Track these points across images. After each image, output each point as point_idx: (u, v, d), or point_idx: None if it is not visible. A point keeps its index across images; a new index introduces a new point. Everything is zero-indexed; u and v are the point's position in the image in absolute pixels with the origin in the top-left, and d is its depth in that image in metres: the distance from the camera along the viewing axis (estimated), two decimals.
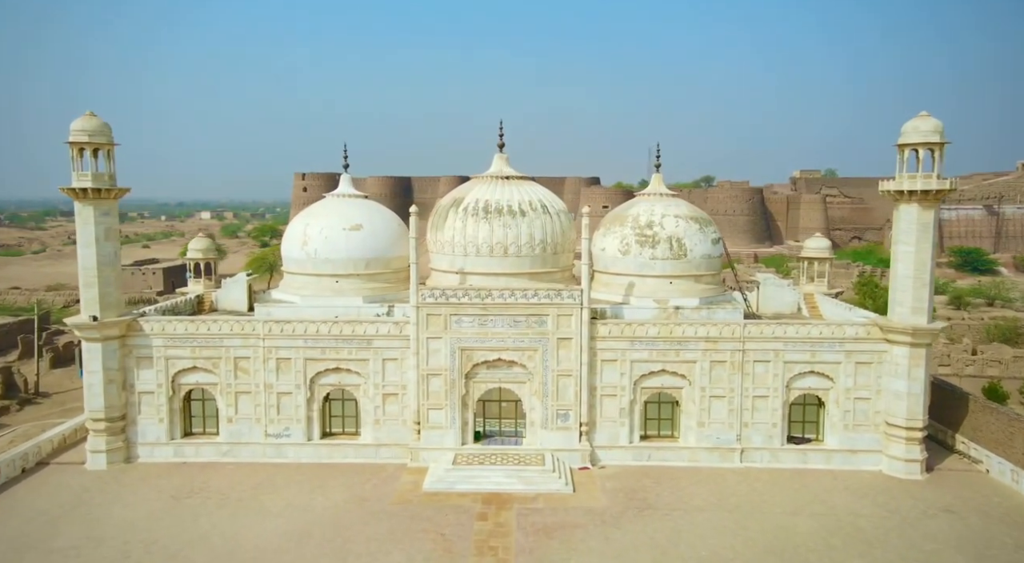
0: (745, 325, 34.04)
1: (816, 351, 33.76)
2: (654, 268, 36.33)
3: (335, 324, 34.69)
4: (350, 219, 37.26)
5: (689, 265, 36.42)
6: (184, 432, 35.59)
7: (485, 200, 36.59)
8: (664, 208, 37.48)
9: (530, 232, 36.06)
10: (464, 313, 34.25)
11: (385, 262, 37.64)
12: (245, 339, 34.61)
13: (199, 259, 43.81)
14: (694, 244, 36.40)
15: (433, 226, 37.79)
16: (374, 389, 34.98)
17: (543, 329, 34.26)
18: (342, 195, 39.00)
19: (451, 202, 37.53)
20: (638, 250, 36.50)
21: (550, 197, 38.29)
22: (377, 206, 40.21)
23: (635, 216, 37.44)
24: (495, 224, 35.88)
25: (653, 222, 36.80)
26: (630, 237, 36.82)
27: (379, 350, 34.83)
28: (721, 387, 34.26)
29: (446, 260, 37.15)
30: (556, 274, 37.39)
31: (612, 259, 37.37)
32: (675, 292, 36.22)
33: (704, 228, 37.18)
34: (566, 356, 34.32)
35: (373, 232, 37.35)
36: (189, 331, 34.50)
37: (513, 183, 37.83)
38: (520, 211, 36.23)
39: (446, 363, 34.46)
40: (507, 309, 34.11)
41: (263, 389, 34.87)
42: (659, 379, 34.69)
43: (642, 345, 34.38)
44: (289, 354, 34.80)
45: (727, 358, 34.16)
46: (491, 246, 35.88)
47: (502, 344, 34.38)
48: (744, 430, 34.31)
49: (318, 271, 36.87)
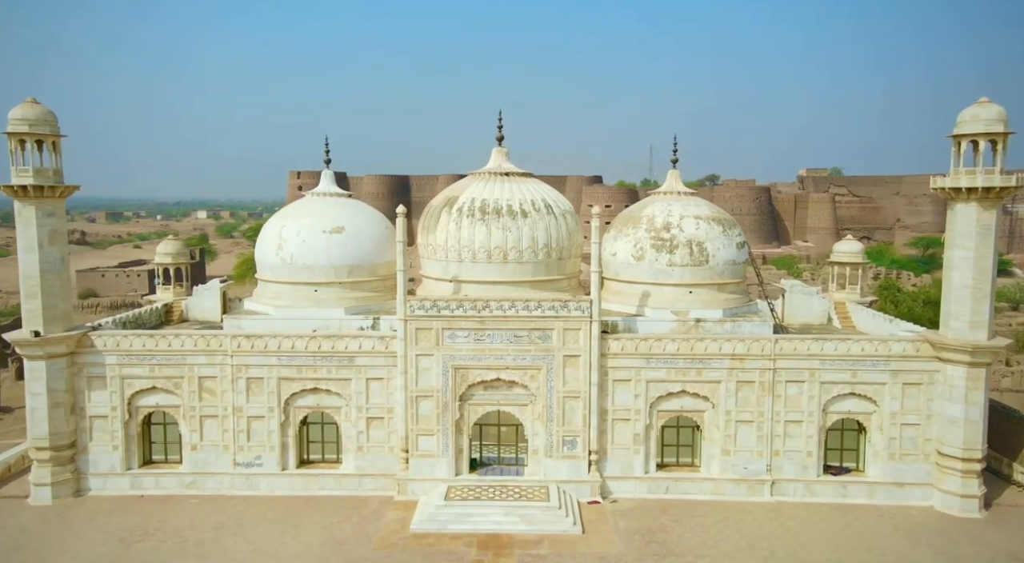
0: (776, 340, 30.04)
1: (857, 370, 29.75)
2: (672, 276, 32.33)
3: (312, 339, 30.72)
4: (331, 220, 33.27)
5: (711, 272, 32.42)
6: (142, 461, 31.59)
7: (482, 199, 32.61)
8: (682, 208, 33.49)
9: (532, 235, 32.07)
10: (458, 327, 30.29)
11: (371, 269, 33.65)
12: (211, 356, 30.63)
13: (168, 264, 39.86)
14: (717, 249, 32.40)
15: (424, 228, 33.81)
16: (357, 412, 31.00)
17: (547, 345, 30.29)
18: (323, 194, 35.00)
19: (443, 202, 33.54)
20: (654, 255, 32.50)
21: (554, 196, 34.30)
22: (362, 206, 36.23)
23: (650, 217, 33.45)
24: (493, 226, 31.89)
25: (670, 224, 32.80)
26: (645, 241, 32.82)
27: (363, 368, 30.86)
28: (749, 410, 30.27)
29: (438, 267, 33.17)
30: (562, 282, 33.40)
31: (624, 265, 33.39)
32: (695, 303, 32.22)
33: (728, 230, 33.18)
34: (573, 375, 30.35)
35: (357, 235, 33.36)
36: (147, 347, 30.50)
37: (513, 180, 33.84)
38: (521, 212, 32.24)
39: (438, 383, 30.50)
40: (506, 322, 30.15)
41: (231, 412, 30.88)
42: (678, 401, 30.71)
43: (659, 363, 30.41)
44: (261, 373, 30.81)
45: (756, 378, 30.17)
46: (488, 251, 31.90)
47: (501, 362, 30.41)
48: (775, 459, 30.32)
49: (294, 279, 32.89)
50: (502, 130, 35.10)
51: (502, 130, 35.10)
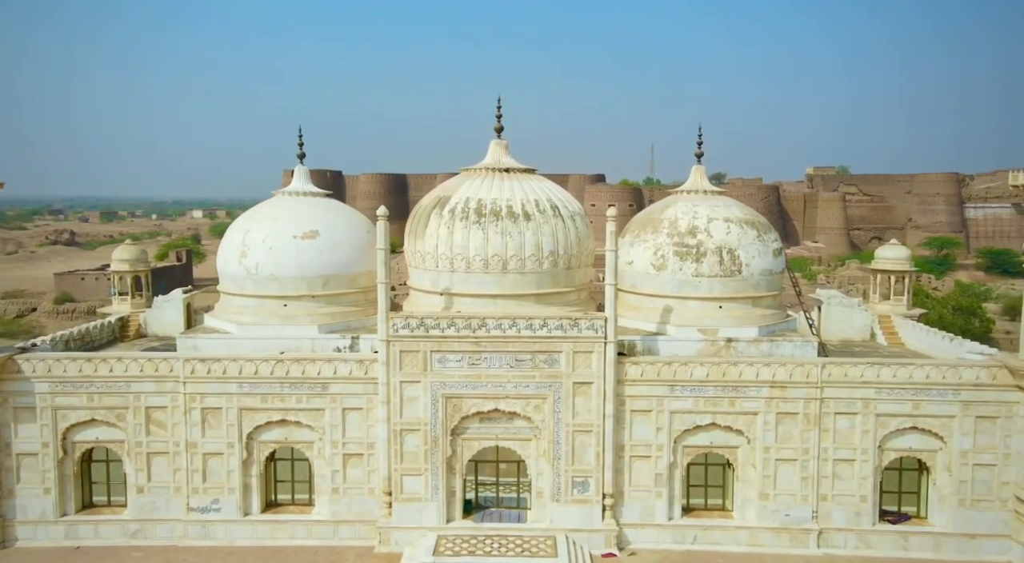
0: (824, 365, 25.54)
1: (920, 401, 25.24)
2: (699, 288, 27.81)
3: (280, 362, 26.24)
4: (303, 223, 28.74)
5: (745, 284, 27.89)
6: (80, 505, 27.11)
7: (478, 199, 28.09)
8: (710, 209, 28.95)
9: (537, 241, 27.55)
10: (450, 349, 25.85)
11: (350, 279, 29.13)
12: (160, 383, 26.15)
13: (125, 272, 35.40)
14: (751, 256, 27.88)
15: (411, 233, 29.29)
16: (331, 448, 26.53)
17: (554, 370, 25.84)
18: (295, 193, 30.45)
19: (434, 202, 29.02)
20: (677, 264, 27.99)
21: (561, 195, 29.78)
22: (341, 207, 31.71)
23: (672, 220, 28.92)
24: (491, 230, 27.38)
25: (696, 228, 28.27)
26: (666, 247, 28.30)
27: (338, 397, 26.40)
28: (791, 447, 25.78)
29: (427, 277, 28.66)
30: (570, 296, 28.87)
31: (643, 276, 28.87)
32: (726, 319, 27.70)
33: (763, 235, 28.64)
34: (584, 406, 25.91)
35: (334, 240, 28.84)
36: (85, 372, 26.00)
37: (515, 177, 29.31)
38: (523, 214, 27.73)
39: (426, 415, 26.05)
40: (506, 344, 25.71)
41: (184, 449, 26.40)
42: (707, 435, 26.24)
43: (685, 391, 25.94)
44: (219, 402, 26.34)
45: (799, 409, 25.69)
46: (485, 259, 27.38)
47: (500, 390, 25.96)
48: (822, 505, 25.83)
49: (260, 292, 28.36)
50: (501, 120, 30.60)
51: (501, 120, 30.60)
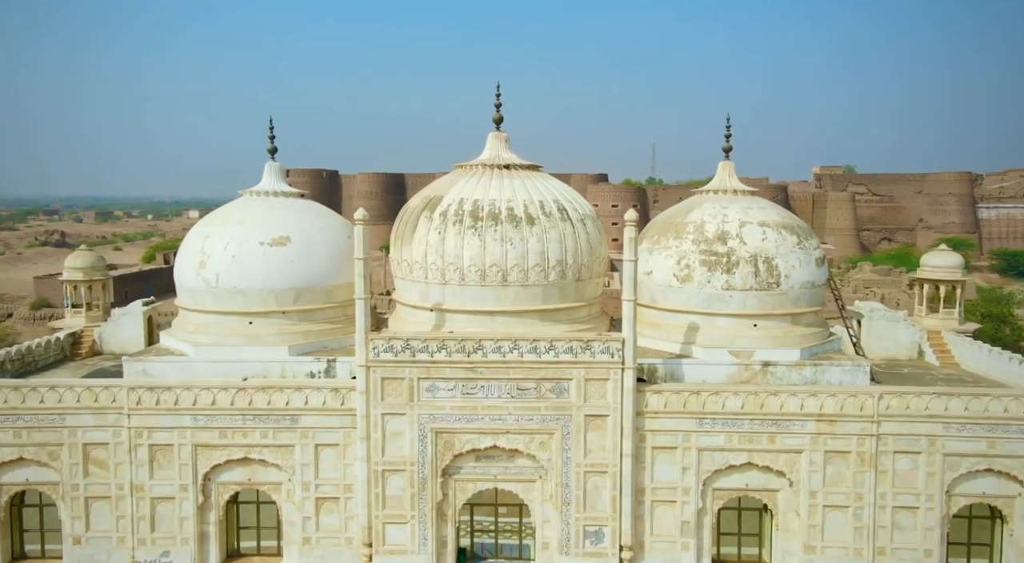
0: (881, 396, 21.71)
1: (997, 438, 21.42)
2: (730, 303, 23.95)
3: (242, 391, 22.46)
4: (273, 228, 24.89)
5: (784, 298, 24.02)
6: (11, 556, 23.31)
7: (474, 200, 24.27)
8: (741, 211, 25.09)
9: (542, 249, 23.72)
10: (440, 376, 22.09)
11: (326, 293, 25.29)
12: (100, 415, 22.38)
13: (79, 281, 31.60)
14: (790, 266, 24.01)
15: (397, 239, 25.47)
16: (302, 491, 22.73)
17: (563, 401, 22.06)
18: (264, 193, 26.56)
19: (423, 203, 25.19)
20: (705, 276, 24.12)
21: (570, 195, 25.96)
22: (318, 209, 27.79)
23: (698, 224, 25.05)
24: (488, 237, 23.55)
25: (727, 233, 24.41)
26: (692, 255, 24.44)
27: (310, 432, 22.64)
28: (842, 492, 21.97)
29: (415, 290, 24.83)
30: (580, 312, 25.05)
31: (664, 288, 25.01)
32: (762, 340, 23.84)
33: (804, 242, 24.79)
34: (598, 442, 22.14)
35: (308, 247, 24.99)
36: (11, 403, 22.18)
37: (516, 175, 25.49)
38: (527, 217, 23.90)
39: (412, 453, 22.29)
40: (507, 370, 21.97)
41: (129, 492, 22.61)
42: (742, 477, 22.45)
43: (716, 425, 22.16)
44: (170, 438, 22.55)
45: (852, 447, 21.87)
46: (482, 270, 23.56)
47: (499, 424, 22.21)
48: (879, 559, 21.99)
49: (221, 307, 24.49)
50: (501, 109, 26.77)
51: (501, 109, 26.77)
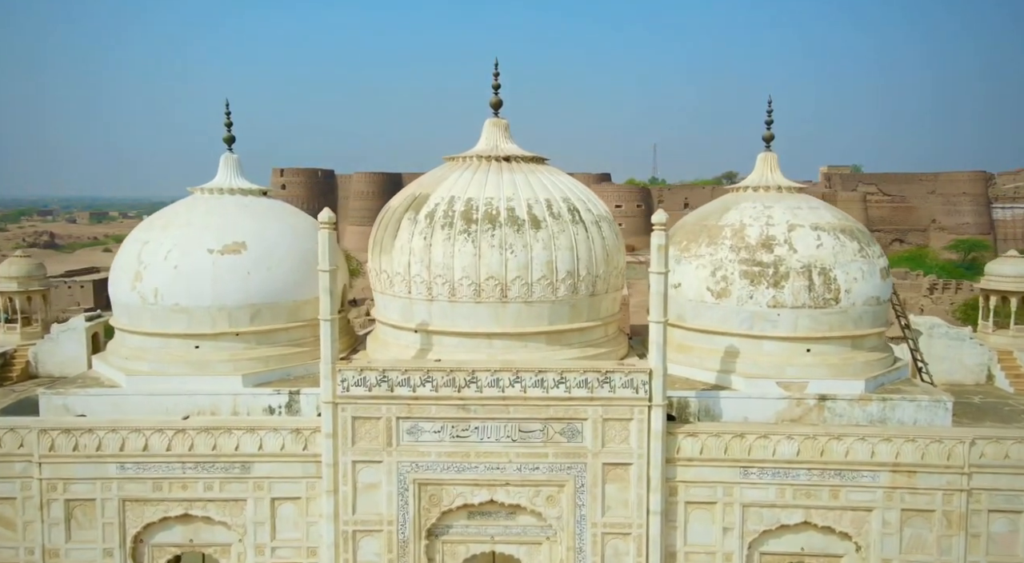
0: (974, 441, 17.50)
1: None
2: (778, 323, 19.69)
3: (181, 433, 18.29)
4: (226, 232, 20.65)
5: (844, 317, 19.73)
6: None
7: (467, 199, 20.06)
8: (789, 212, 20.83)
9: (549, 257, 19.51)
10: (425, 415, 17.92)
11: (290, 310, 21.05)
12: (4, 464, 18.18)
13: (14, 292, 27.36)
14: (852, 279, 19.74)
15: (376, 245, 21.27)
16: (256, 555, 18.54)
17: (576, 446, 17.89)
18: (217, 190, 22.30)
19: (406, 203, 20.98)
20: (747, 290, 19.86)
21: (582, 193, 21.77)
22: (283, 209, 23.49)
23: (737, 227, 20.80)
24: (484, 243, 19.34)
25: (773, 238, 20.15)
26: (730, 265, 20.19)
27: (265, 483, 18.48)
28: (923, 559, 17.76)
29: (396, 308, 20.61)
30: (594, 333, 20.82)
31: (695, 305, 20.76)
32: (817, 368, 19.56)
33: (866, 249, 20.53)
34: (619, 496, 17.96)
35: (269, 255, 20.76)
36: None
37: (518, 168, 21.29)
38: (531, 218, 19.69)
39: (391, 509, 18.11)
40: (506, 408, 17.80)
41: (41, 558, 18.41)
42: (797, 539, 18.27)
43: (765, 475, 18.00)
44: (91, 492, 18.38)
45: (935, 504, 17.68)
46: (477, 284, 19.35)
47: (498, 474, 18.05)
48: None
49: (161, 328, 20.21)
50: (499, 92, 22.60)
51: (499, 92, 22.60)
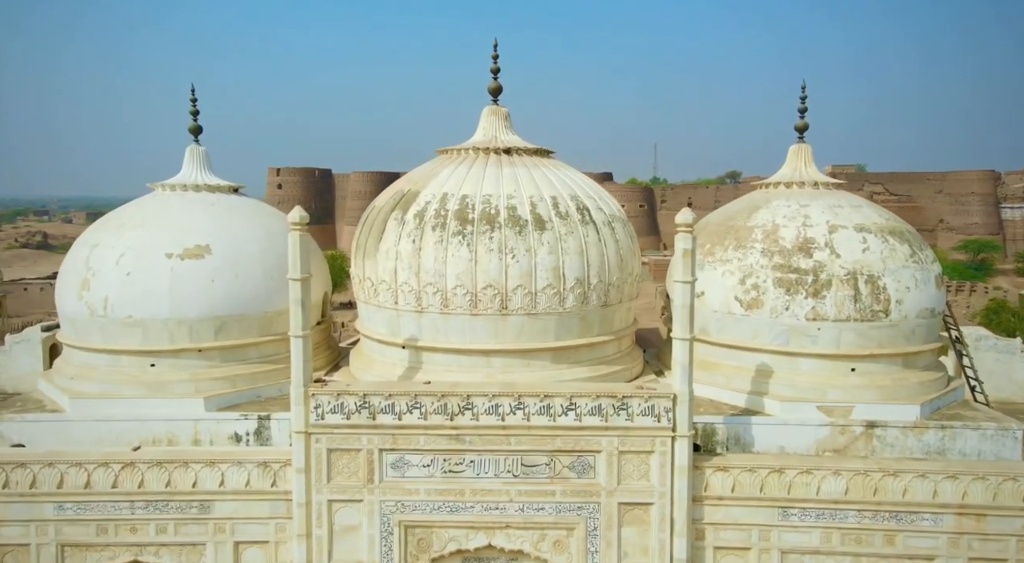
0: None
1: None
2: (818, 338, 17.15)
3: (130, 467, 15.78)
4: (187, 235, 18.13)
5: (894, 333, 17.18)
6: None
7: (462, 196, 17.56)
8: (829, 211, 18.30)
9: (556, 263, 17.01)
10: (413, 447, 15.42)
11: (262, 323, 18.51)
12: None
13: None
14: (904, 288, 17.20)
15: (359, 249, 18.76)
16: None
17: (587, 482, 15.38)
18: (180, 186, 19.77)
19: (393, 200, 18.49)
20: (782, 299, 17.33)
21: (592, 190, 19.24)
22: (254, 208, 20.84)
23: (769, 229, 18.27)
24: (482, 246, 16.84)
25: (812, 241, 17.62)
26: (763, 272, 17.66)
27: (228, 524, 15.96)
28: None
29: (382, 320, 18.11)
30: (607, 348, 18.33)
31: (722, 316, 18.22)
32: (864, 390, 17.01)
33: (918, 253, 17.98)
34: (638, 541, 15.45)
35: (236, 260, 18.24)
36: None
37: (520, 162, 18.80)
38: (535, 219, 17.19)
39: (372, 555, 15.62)
40: (507, 438, 15.30)
41: None
42: None
43: (807, 517, 15.48)
44: (25, 535, 15.87)
45: (1008, 553, 15.18)
46: (473, 293, 16.84)
47: (497, 515, 15.52)
48: None
49: (111, 343, 17.65)
50: (499, 76, 20.09)
51: (499, 76, 20.09)
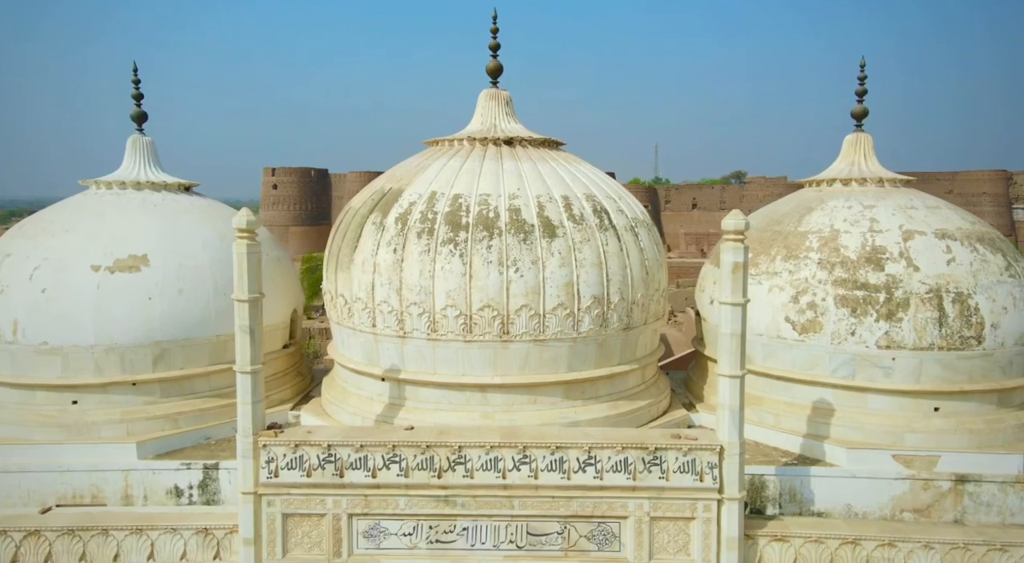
0: None
1: None
2: (893, 370, 13.90)
3: (33, 536, 12.58)
4: (120, 243, 14.92)
5: (989, 364, 13.91)
6: None
7: (454, 196, 14.37)
8: (902, 214, 15.09)
9: (569, 277, 13.81)
10: (390, 513, 12.20)
11: (214, 348, 15.28)
12: None
13: None
14: (999, 308, 13.94)
15: (331, 259, 15.59)
16: None
17: (610, 557, 12.20)
18: (118, 184, 16.51)
19: (371, 201, 15.32)
20: (846, 322, 14.09)
21: (611, 188, 16.02)
22: (208, 209, 17.42)
23: (826, 234, 15.04)
24: (478, 257, 13.65)
25: (883, 251, 14.40)
26: (821, 288, 14.43)
27: None
28: None
29: (357, 346, 14.92)
30: (629, 380, 15.14)
31: (768, 341, 14.98)
32: (953, 434, 13.75)
33: (1014, 265, 14.69)
34: None
35: (181, 274, 15.03)
36: None
37: (524, 155, 15.61)
38: (544, 224, 14.00)
39: None
40: (509, 500, 12.10)
41: None
42: None
43: None
44: None
45: None
46: (467, 315, 13.64)
47: None
48: None
49: (23, 376, 14.33)
50: (498, 53, 16.89)
51: (498, 53, 16.89)
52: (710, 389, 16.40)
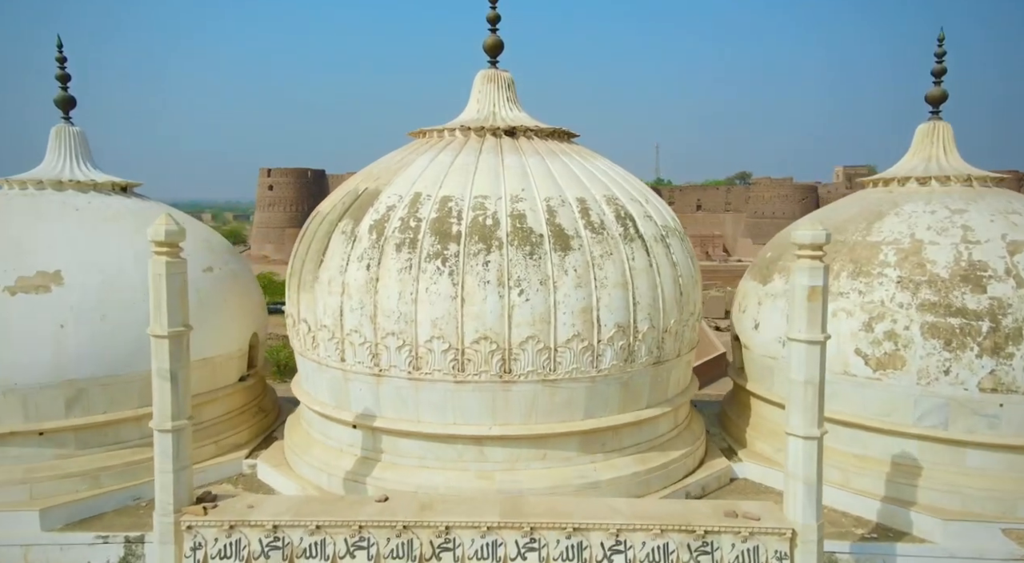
0: None
1: None
2: (999, 419, 10.95)
3: None
4: (27, 258, 11.99)
5: None
6: None
7: (442, 199, 11.43)
8: (1002, 220, 12.08)
9: (588, 301, 10.88)
10: None
11: (145, 387, 12.27)
12: None
13: None
14: None
15: (293, 277, 12.64)
16: None
17: None
18: (34, 183, 13.55)
19: (342, 205, 12.37)
20: (937, 356, 11.15)
21: (636, 190, 13.08)
22: (144, 214, 14.39)
23: (906, 246, 12.09)
24: (472, 276, 10.71)
25: (983, 267, 11.45)
26: (901, 313, 11.48)
27: None
28: None
29: (324, 383, 12.00)
30: (660, 425, 12.21)
31: (832, 377, 11.86)
32: None
33: None
34: None
35: (104, 295, 12.09)
36: None
37: (530, 148, 12.68)
38: (555, 234, 11.06)
39: None
40: None
41: None
42: None
43: None
44: None
45: None
46: (458, 349, 10.70)
47: None
48: None
49: None
50: (498, 27, 13.95)
51: (498, 27, 13.95)
52: (755, 433, 13.47)
